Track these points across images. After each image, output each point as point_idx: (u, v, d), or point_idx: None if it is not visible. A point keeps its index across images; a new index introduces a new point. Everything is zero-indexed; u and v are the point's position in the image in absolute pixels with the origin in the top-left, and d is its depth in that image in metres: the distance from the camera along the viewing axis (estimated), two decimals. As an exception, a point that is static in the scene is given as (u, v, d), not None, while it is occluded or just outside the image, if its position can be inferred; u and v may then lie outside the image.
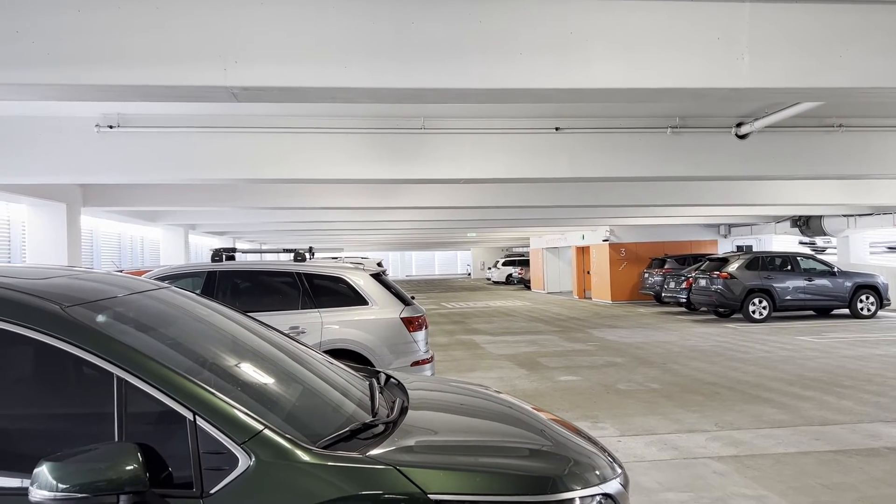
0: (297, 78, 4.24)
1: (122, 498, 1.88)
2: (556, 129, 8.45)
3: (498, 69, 4.34)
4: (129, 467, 1.88)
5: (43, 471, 1.85)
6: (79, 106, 7.50)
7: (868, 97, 4.96)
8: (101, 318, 2.30)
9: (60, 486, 1.83)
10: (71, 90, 4.28)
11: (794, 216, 20.79)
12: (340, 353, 6.38)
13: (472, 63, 4.31)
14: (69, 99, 4.52)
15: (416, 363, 6.92)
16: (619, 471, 2.50)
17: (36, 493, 1.84)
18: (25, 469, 1.92)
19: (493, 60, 4.32)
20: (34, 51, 4.02)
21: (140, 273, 8.51)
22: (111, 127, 7.80)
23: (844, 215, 19.06)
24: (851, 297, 16.80)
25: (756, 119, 8.23)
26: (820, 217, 19.94)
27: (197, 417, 2.03)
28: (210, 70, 4.15)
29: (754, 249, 24.92)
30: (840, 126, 8.62)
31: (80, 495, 1.84)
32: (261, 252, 8.83)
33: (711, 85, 4.50)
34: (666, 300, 20.69)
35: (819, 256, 18.67)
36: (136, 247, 20.12)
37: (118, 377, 2.07)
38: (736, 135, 8.61)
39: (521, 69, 4.35)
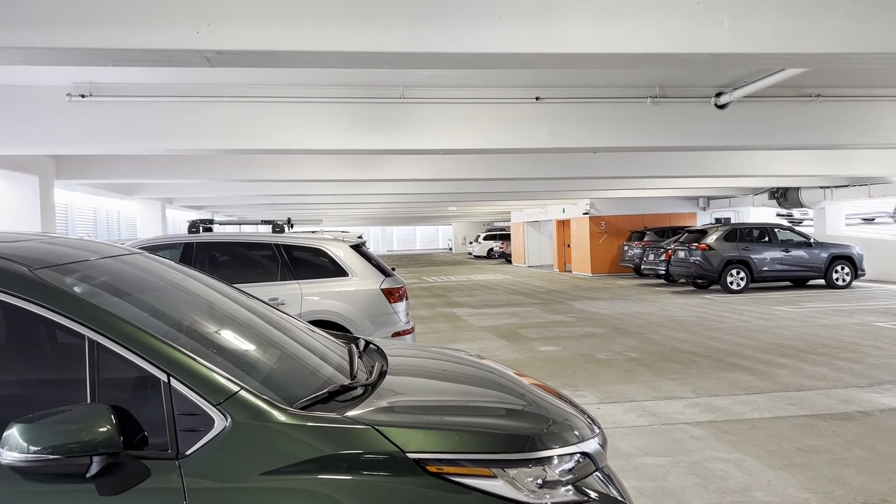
0: (271, 41, 4.16)
1: (95, 459, 1.85)
2: (537, 98, 8.40)
3: (477, 33, 4.28)
4: (102, 429, 1.85)
5: (13, 433, 1.81)
6: (49, 73, 7.32)
7: (846, 63, 4.96)
8: (71, 281, 2.25)
9: (32, 447, 1.80)
10: (39, 54, 4.16)
11: (771, 188, 20.97)
12: (321, 325, 6.32)
13: (451, 27, 4.25)
14: (37, 63, 4.41)
15: (397, 334, 6.91)
16: (598, 431, 2.51)
17: (6, 456, 1.81)
18: (-5, 433, 1.88)
19: (473, 24, 4.27)
20: (-1, 12, 3.90)
21: (116, 245, 8.38)
22: (83, 96, 7.63)
23: (821, 187, 19.25)
24: (827, 268, 17.03)
25: (735, 89, 8.23)
26: (797, 189, 20.14)
27: (171, 379, 2.01)
28: (183, 33, 4.06)
29: (732, 221, 25.13)
30: (818, 96, 8.64)
31: (51, 457, 1.81)
32: (239, 224, 8.73)
33: (691, 50, 4.48)
34: (645, 272, 20.85)
35: (796, 228, 18.86)
36: (112, 221, 19.86)
37: (90, 339, 2.03)
38: (715, 105, 8.61)
39: (501, 33, 4.29)
